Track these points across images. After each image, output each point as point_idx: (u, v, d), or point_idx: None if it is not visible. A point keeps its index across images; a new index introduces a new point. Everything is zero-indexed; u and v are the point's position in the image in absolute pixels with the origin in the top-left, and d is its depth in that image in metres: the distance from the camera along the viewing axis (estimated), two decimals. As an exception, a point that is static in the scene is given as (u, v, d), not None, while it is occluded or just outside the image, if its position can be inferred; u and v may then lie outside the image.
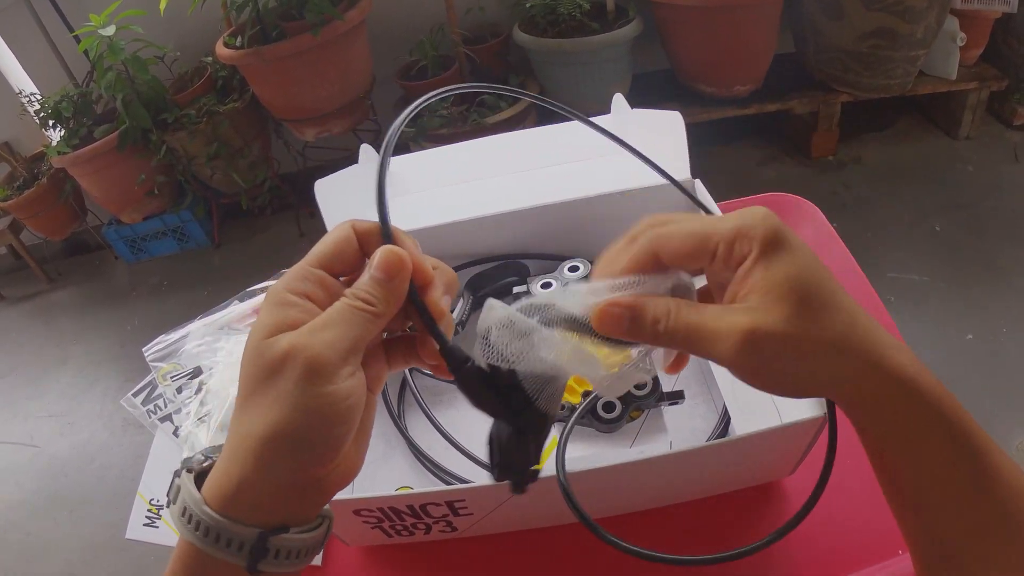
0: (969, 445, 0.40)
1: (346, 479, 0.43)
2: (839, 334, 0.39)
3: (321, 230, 0.96)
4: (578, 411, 0.69)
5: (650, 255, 0.43)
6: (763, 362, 0.40)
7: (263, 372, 0.38)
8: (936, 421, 0.40)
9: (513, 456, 0.43)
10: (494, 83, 2.26)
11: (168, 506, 0.42)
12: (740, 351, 0.39)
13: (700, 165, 0.90)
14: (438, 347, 0.42)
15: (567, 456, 0.70)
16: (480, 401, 0.43)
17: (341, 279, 0.44)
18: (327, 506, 0.45)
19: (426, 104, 0.47)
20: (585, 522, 0.50)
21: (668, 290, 0.43)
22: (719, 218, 0.42)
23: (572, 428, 0.65)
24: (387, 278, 0.41)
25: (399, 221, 0.42)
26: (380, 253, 0.41)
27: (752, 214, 0.41)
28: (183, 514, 0.40)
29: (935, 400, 0.40)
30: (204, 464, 0.42)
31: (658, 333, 0.41)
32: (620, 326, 0.42)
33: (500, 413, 0.43)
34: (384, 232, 0.42)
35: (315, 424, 0.38)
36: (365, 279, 0.41)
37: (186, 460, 0.43)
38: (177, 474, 0.42)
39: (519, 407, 0.42)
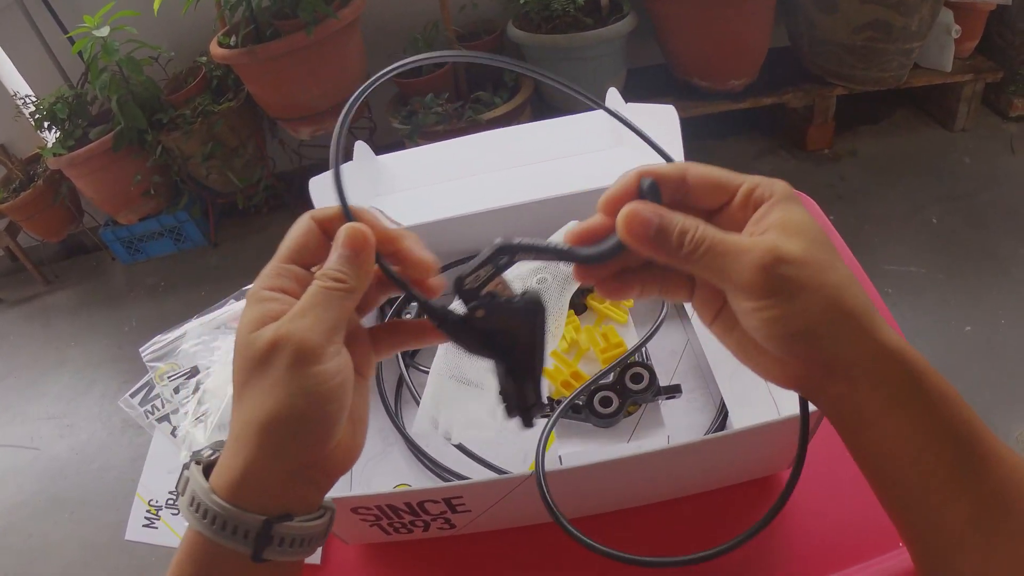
0: (962, 431, 0.40)
1: (346, 462, 0.44)
2: (843, 282, 0.40)
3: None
4: (562, 406, 0.69)
5: (680, 173, 0.44)
6: (779, 285, 0.39)
7: (253, 363, 0.40)
8: (925, 406, 0.40)
9: (513, 394, 0.46)
10: (488, 80, 2.26)
11: (177, 498, 0.43)
12: (761, 268, 0.39)
13: (695, 159, 0.89)
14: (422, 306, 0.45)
15: (564, 452, 0.70)
16: (471, 346, 0.46)
17: (313, 270, 0.45)
18: (329, 498, 0.47)
19: (420, 102, 0.48)
20: (555, 517, 0.50)
21: None
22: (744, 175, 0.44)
23: (556, 422, 0.65)
24: (354, 252, 0.43)
25: (395, 218, 0.43)
26: (343, 230, 0.43)
27: (772, 179, 0.43)
28: (191, 503, 0.41)
29: (928, 386, 0.40)
30: (212, 457, 0.44)
31: (683, 244, 0.41)
32: (647, 232, 0.42)
33: (490, 354, 0.46)
34: (344, 211, 0.44)
35: (309, 404, 0.40)
36: (333, 258, 0.43)
37: (195, 453, 0.44)
38: (186, 466, 0.43)
39: (505, 345, 0.45)
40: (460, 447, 0.78)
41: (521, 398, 0.46)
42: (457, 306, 0.46)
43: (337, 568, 0.75)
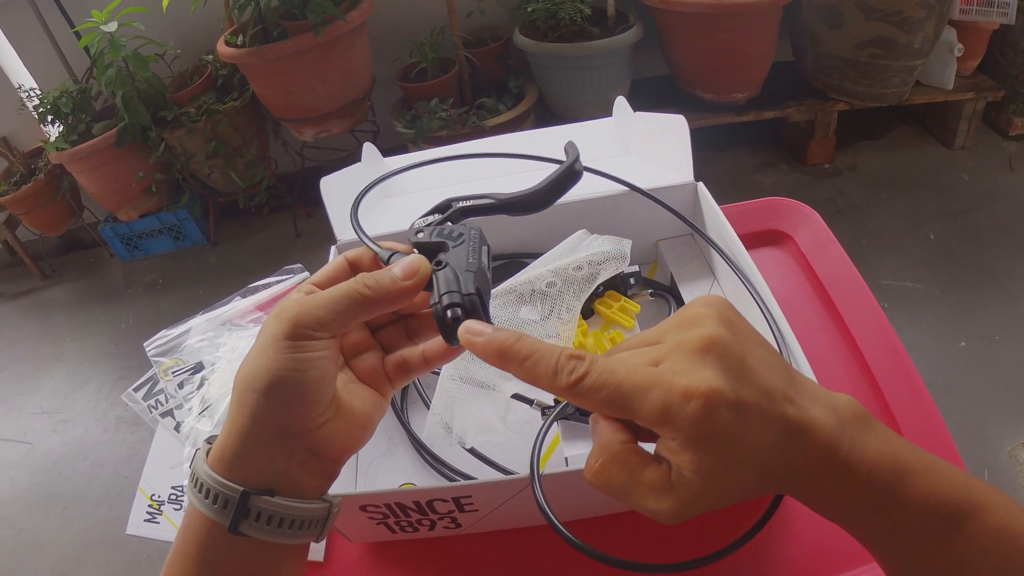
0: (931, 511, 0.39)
1: (338, 445, 0.46)
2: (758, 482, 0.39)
3: (317, 231, 0.97)
4: (559, 406, 0.69)
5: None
6: (693, 517, 0.39)
7: (261, 334, 0.45)
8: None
9: (455, 289, 0.46)
10: (492, 86, 2.28)
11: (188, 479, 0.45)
12: (670, 522, 0.39)
13: (697, 170, 0.91)
14: (380, 256, 0.50)
15: (571, 454, 0.71)
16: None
17: None
18: (337, 495, 0.48)
19: (425, 106, 0.51)
20: (547, 517, 0.51)
21: None
22: (651, 381, 0.38)
23: (553, 421, 0.65)
24: (402, 276, 0.46)
25: (400, 221, 0.46)
26: (409, 257, 0.47)
27: (684, 392, 0.37)
28: (192, 476, 0.44)
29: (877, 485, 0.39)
30: None
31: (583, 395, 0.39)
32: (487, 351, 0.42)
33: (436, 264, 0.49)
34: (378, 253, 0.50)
35: (288, 367, 0.43)
36: (382, 271, 0.46)
37: (211, 437, 0.46)
38: (198, 448, 0.46)
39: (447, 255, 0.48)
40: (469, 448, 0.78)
41: (447, 286, 0.47)
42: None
43: (341, 566, 0.76)
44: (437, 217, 0.51)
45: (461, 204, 0.52)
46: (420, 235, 0.49)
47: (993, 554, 0.38)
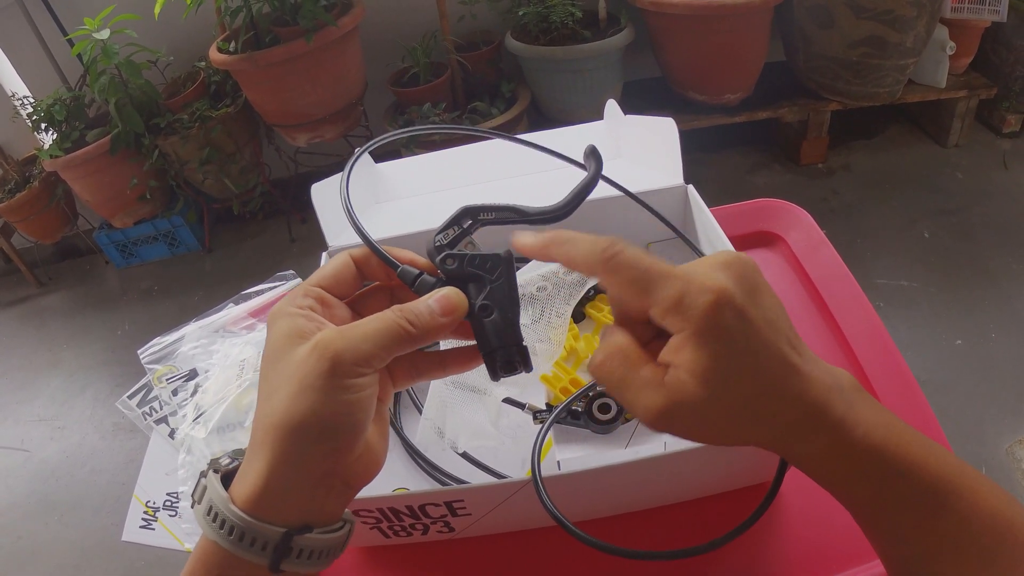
0: (891, 467, 0.40)
1: (369, 473, 0.45)
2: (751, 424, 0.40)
3: (312, 236, 0.97)
4: (557, 410, 0.69)
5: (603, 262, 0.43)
6: (677, 429, 0.41)
7: (289, 366, 0.41)
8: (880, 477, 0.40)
9: (492, 339, 0.46)
10: (485, 90, 2.28)
11: (192, 506, 0.43)
12: (655, 423, 0.40)
13: (690, 172, 0.91)
14: (396, 272, 0.48)
15: (563, 457, 0.71)
16: None
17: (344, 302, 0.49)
18: (349, 511, 0.47)
19: (418, 111, 0.50)
20: (555, 517, 0.51)
21: None
22: (674, 273, 0.41)
23: (551, 425, 0.65)
24: (441, 312, 0.45)
25: (392, 226, 0.45)
26: (448, 292, 0.46)
27: (701, 286, 0.39)
28: (208, 513, 0.41)
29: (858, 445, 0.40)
30: (230, 465, 0.44)
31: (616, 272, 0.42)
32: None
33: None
34: (382, 255, 0.48)
35: (339, 411, 0.41)
36: (421, 306, 0.45)
37: (213, 461, 0.44)
38: (203, 474, 0.44)
39: (478, 291, 0.47)
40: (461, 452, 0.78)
41: (510, 337, 0.46)
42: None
43: (334, 571, 0.75)
44: (456, 230, 0.49)
45: (482, 217, 0.50)
46: (449, 262, 0.47)
47: (985, 536, 0.39)
